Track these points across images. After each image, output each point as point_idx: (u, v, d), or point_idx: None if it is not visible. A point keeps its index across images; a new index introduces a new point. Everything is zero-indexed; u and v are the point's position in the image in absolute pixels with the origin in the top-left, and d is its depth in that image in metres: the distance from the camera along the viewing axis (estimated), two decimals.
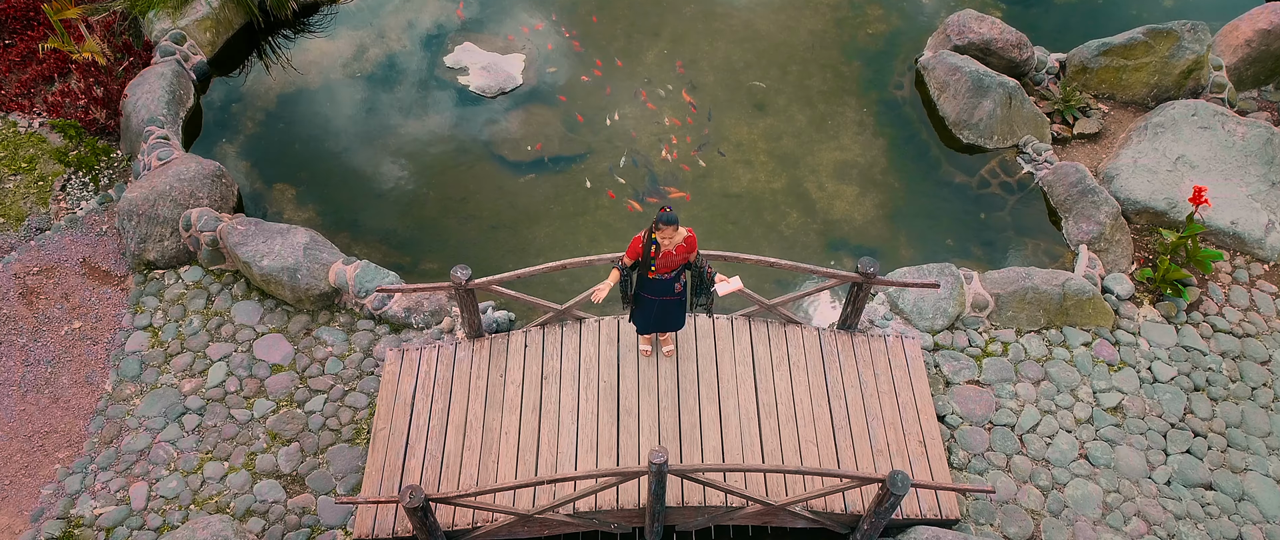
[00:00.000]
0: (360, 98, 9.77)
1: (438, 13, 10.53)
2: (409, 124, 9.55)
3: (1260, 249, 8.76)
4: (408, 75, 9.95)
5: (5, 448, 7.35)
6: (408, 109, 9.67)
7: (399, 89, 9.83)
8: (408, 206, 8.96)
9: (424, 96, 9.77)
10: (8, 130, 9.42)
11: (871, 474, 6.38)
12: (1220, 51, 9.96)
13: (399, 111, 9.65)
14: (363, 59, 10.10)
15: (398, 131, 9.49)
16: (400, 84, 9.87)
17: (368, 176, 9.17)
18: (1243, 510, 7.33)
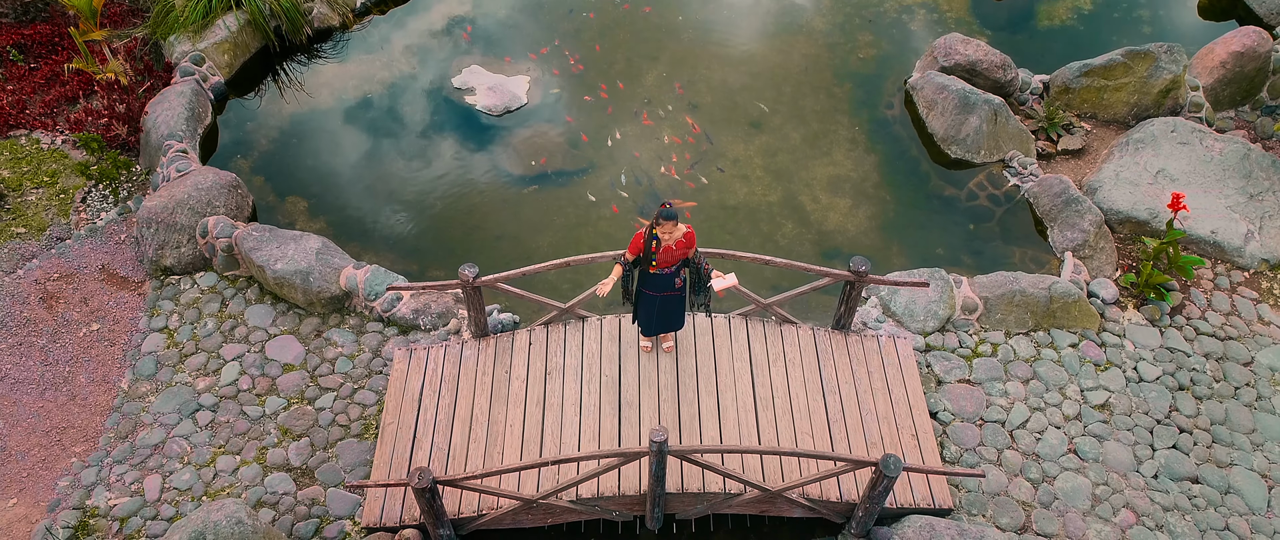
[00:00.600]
0: (371, 117, 10.16)
1: (445, 38, 10.99)
2: (417, 141, 9.93)
3: (1240, 257, 9.06)
4: (416, 95, 10.36)
5: (24, 443, 7.55)
6: (416, 127, 10.06)
7: (408, 108, 10.23)
8: (415, 218, 9.28)
9: (432, 115, 10.17)
10: (31, 147, 9.79)
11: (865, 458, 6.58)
12: (1197, 73, 10.39)
13: (408, 129, 10.04)
14: (373, 81, 10.52)
15: (406, 148, 9.86)
16: (409, 103, 10.28)
17: (377, 190, 9.51)
18: (1229, 502, 7.51)
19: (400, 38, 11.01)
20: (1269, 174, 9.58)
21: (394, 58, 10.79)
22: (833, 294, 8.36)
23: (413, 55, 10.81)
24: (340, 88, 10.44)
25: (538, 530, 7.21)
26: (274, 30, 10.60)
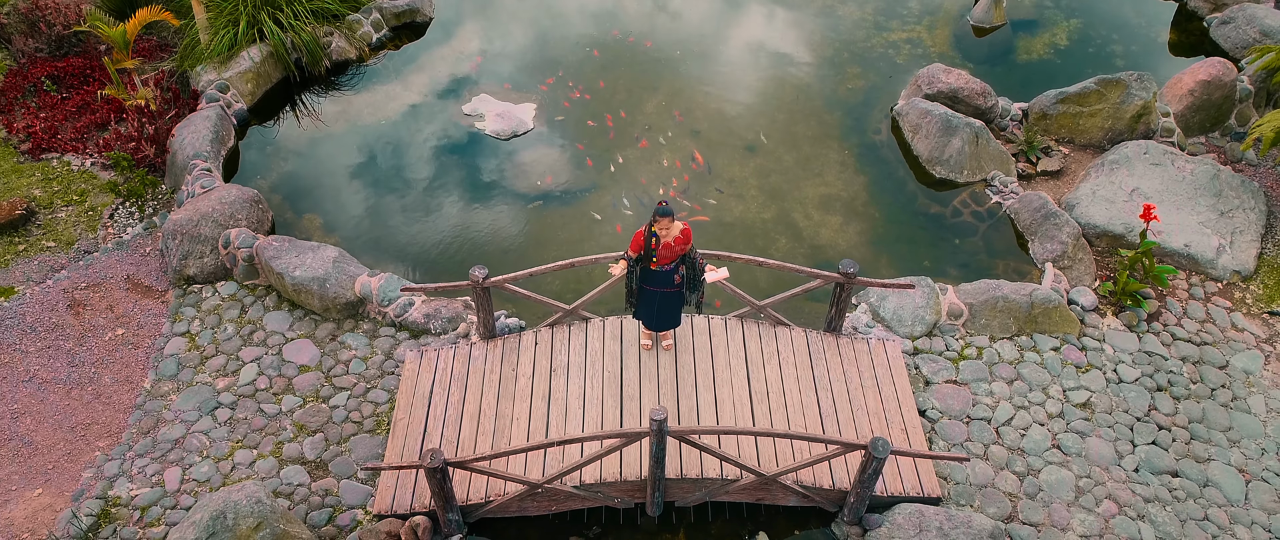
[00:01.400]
0: (384, 141, 10.70)
1: (456, 68, 11.60)
2: (428, 162, 10.45)
3: (1213, 269, 9.49)
4: (428, 121, 10.92)
5: (50, 437, 7.88)
6: (427, 150, 10.59)
7: (419, 133, 10.78)
8: (425, 233, 9.73)
9: (442, 139, 10.70)
10: (62, 169, 10.31)
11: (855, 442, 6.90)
12: (1167, 101, 10.96)
13: (419, 152, 10.56)
14: (387, 108, 11.10)
15: (417, 169, 10.37)
16: (420, 128, 10.83)
17: (389, 208, 9.98)
18: (1207, 494, 7.81)
19: (413, 70, 11.63)
20: (1239, 193, 10.07)
21: (407, 87, 11.38)
22: (823, 301, 8.76)
23: (424, 85, 11.41)
24: (355, 114, 11.01)
25: (542, 519, 7.48)
26: (295, 62, 11.21)
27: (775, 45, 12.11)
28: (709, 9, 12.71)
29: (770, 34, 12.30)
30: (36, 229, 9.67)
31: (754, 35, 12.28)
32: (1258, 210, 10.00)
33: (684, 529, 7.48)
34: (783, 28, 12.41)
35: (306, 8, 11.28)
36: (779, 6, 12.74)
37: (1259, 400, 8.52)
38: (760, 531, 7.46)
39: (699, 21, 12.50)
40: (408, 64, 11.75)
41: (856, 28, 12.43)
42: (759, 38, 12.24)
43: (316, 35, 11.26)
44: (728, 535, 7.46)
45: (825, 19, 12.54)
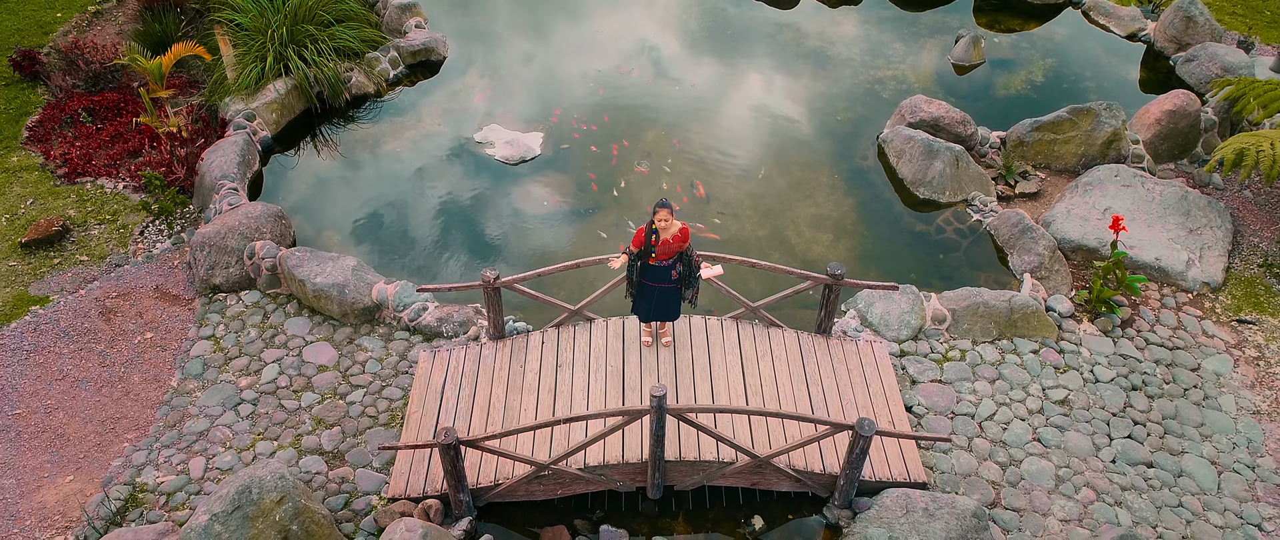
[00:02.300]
0: (399, 166, 11.35)
1: (467, 102, 12.33)
2: (442, 184, 11.07)
3: (1183, 281, 10.02)
4: (441, 148, 11.59)
5: (82, 430, 8.31)
6: (440, 173, 11.23)
7: (433, 159, 11.43)
8: (438, 248, 10.28)
9: (454, 164, 11.35)
10: (96, 191, 10.93)
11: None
12: (1137, 129, 11.65)
13: (432, 175, 11.20)
14: (402, 137, 11.78)
15: (432, 191, 11.00)
16: (434, 155, 11.49)
17: (403, 226, 10.57)
18: (1182, 484, 8.19)
19: (427, 103, 12.36)
20: (1206, 212, 10.66)
21: (421, 119, 12.09)
22: (812, 308, 9.28)
23: (438, 117, 12.12)
24: (373, 142, 11.68)
25: (548, 504, 7.86)
26: (317, 95, 11.95)
27: (768, 83, 12.86)
28: (706, 52, 13.50)
29: (763, 73, 13.06)
30: (71, 245, 10.24)
31: (748, 75, 13.04)
32: (1224, 228, 10.57)
33: (682, 514, 7.86)
34: (775, 68, 13.17)
35: (329, 45, 12.07)
36: (771, 48, 13.54)
37: (1229, 399, 8.96)
38: (756, 515, 7.83)
39: (697, 63, 13.27)
40: (422, 98, 12.48)
41: (844, 66, 13.20)
42: (753, 76, 12.99)
43: (338, 71, 12.02)
44: (725, 519, 7.83)
45: (814, 59, 13.33)
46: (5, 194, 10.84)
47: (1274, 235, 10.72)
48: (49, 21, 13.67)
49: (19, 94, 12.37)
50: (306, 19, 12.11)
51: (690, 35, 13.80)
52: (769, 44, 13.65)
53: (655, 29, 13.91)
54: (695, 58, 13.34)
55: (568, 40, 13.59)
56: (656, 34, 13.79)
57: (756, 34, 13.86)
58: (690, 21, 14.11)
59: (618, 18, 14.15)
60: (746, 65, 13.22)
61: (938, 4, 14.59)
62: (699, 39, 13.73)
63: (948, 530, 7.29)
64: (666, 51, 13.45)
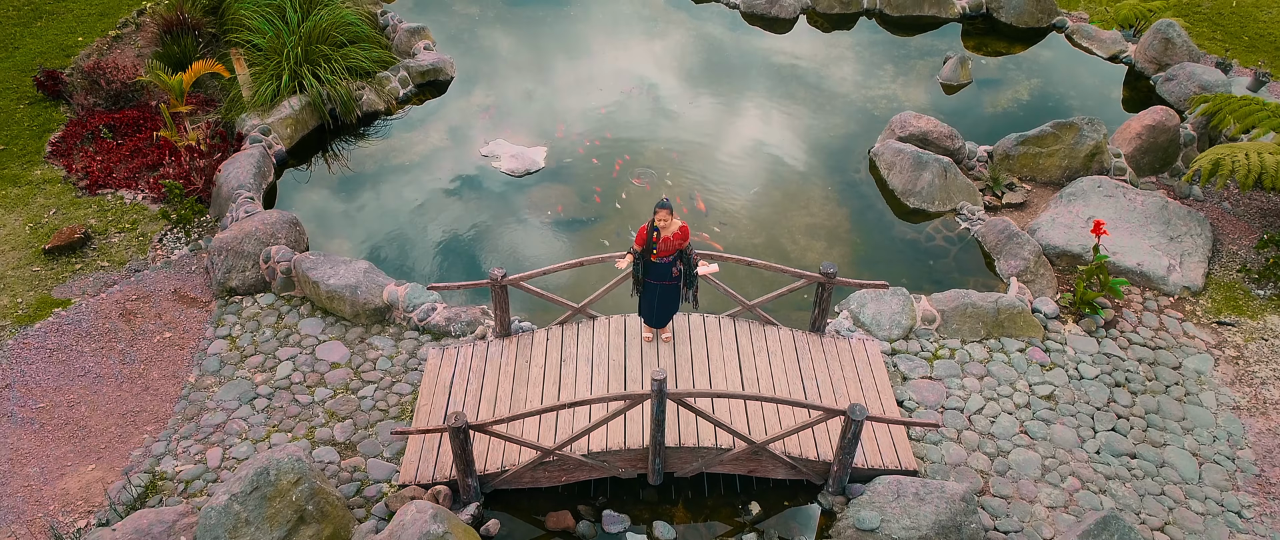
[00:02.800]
0: (409, 177, 11.78)
1: (474, 119, 12.81)
2: (449, 196, 11.49)
3: (1164, 285, 10.39)
4: (448, 162, 12.03)
5: (103, 422, 8.62)
6: (448, 185, 11.65)
7: (440, 171, 11.87)
8: (445, 255, 10.66)
9: (461, 176, 11.78)
10: (116, 202, 11.34)
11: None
12: (1119, 144, 12.10)
13: (440, 187, 11.62)
14: (411, 151, 12.23)
15: (440, 200, 11.41)
16: (442, 168, 11.92)
17: (412, 235, 10.96)
18: (1164, 473, 8.49)
19: (435, 120, 12.84)
20: (1186, 222, 11.07)
21: (429, 135, 12.56)
22: (806, 309, 9.64)
23: (445, 133, 12.58)
24: (383, 157, 12.13)
25: (552, 492, 8.14)
26: (330, 112, 12.43)
27: (764, 101, 13.35)
28: (705, 72, 14.01)
29: (759, 92, 13.55)
30: (92, 251, 10.63)
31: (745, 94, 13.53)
32: (1204, 237, 10.97)
33: (682, 501, 8.14)
34: (770, 87, 13.67)
35: (342, 65, 12.57)
36: (767, 70, 14.05)
37: (1210, 396, 9.29)
38: (753, 502, 8.12)
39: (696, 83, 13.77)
40: (430, 115, 12.96)
41: (838, 85, 13.71)
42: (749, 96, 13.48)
43: (350, 89, 12.51)
44: (723, 506, 8.11)
45: (808, 79, 13.83)
46: (29, 204, 11.25)
47: (1252, 243, 11.11)
48: (70, 45, 14.20)
49: (42, 112, 12.84)
50: (320, 40, 12.62)
51: (689, 58, 14.32)
52: (764, 66, 14.17)
53: (655, 52, 14.43)
54: (694, 78, 13.85)
55: (570, 62, 14.11)
56: (657, 56, 14.31)
57: (752, 56, 14.39)
58: (688, 45, 14.65)
59: (619, 42, 14.68)
60: (743, 85, 13.72)
61: (926, 29, 15.15)
62: (697, 61, 14.25)
63: (937, 513, 7.58)
64: (666, 73, 13.96)
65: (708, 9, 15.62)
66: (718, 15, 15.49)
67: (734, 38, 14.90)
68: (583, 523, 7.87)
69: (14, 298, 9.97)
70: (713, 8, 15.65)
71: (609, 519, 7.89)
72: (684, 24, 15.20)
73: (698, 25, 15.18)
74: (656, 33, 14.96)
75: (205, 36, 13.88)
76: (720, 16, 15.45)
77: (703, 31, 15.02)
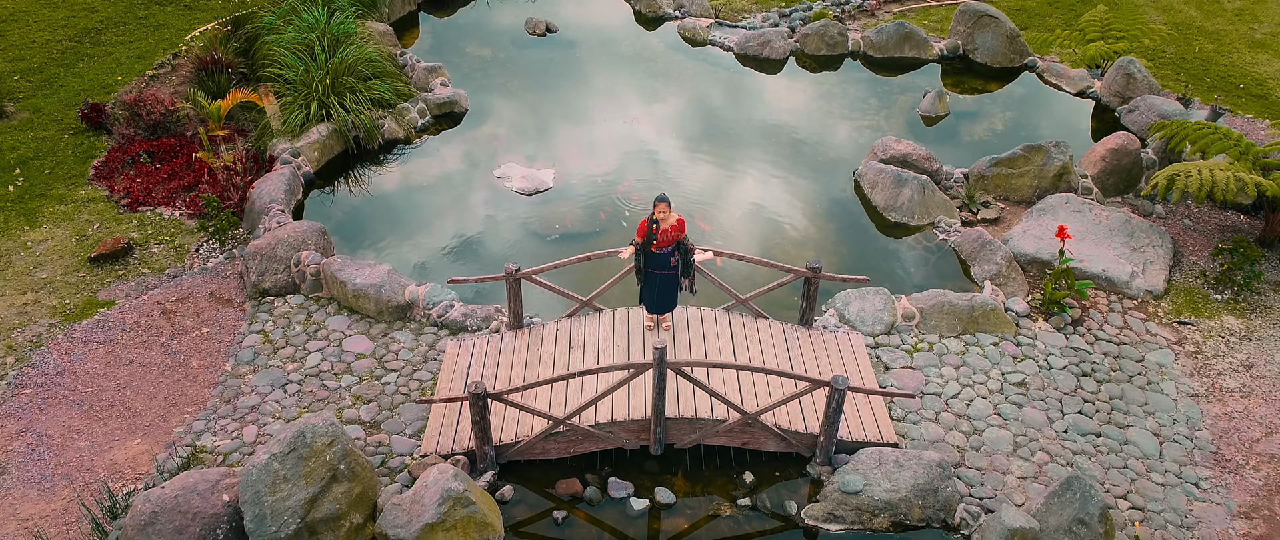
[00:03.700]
0: (426, 196, 12.69)
1: (487, 146, 13.79)
2: (464, 211, 12.38)
3: (1128, 289, 11.21)
4: (463, 182, 12.96)
5: (147, 405, 9.34)
6: (462, 202, 12.56)
7: (456, 191, 12.79)
8: (460, 263, 11.49)
9: (475, 194, 12.70)
10: (155, 218, 12.23)
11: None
12: (1085, 166, 13.06)
13: (455, 204, 12.53)
14: (428, 173, 13.17)
15: (456, 215, 12.29)
16: (457, 188, 12.85)
17: (431, 244, 11.81)
18: (1127, 450, 9.18)
19: (450, 147, 13.82)
20: (1148, 235, 11.95)
21: (445, 160, 13.52)
22: (793, 308, 10.43)
23: (460, 158, 13.55)
24: (402, 178, 13.07)
25: (561, 463, 8.82)
26: (354, 138, 13.41)
27: (758, 130, 14.36)
28: (703, 105, 15.06)
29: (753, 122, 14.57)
30: (134, 260, 11.47)
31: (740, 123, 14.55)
32: (1165, 248, 11.83)
33: (682, 471, 8.81)
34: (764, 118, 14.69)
35: (366, 96, 13.61)
36: (760, 103, 15.10)
37: (1171, 385, 10.02)
38: (747, 472, 8.79)
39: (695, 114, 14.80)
40: (446, 144, 13.95)
41: (825, 118, 14.74)
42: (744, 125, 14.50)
43: (373, 118, 13.52)
44: (719, 475, 8.79)
45: (798, 112, 14.87)
46: (75, 219, 12.13)
47: (1210, 253, 11.96)
48: (110, 83, 15.26)
49: (85, 141, 13.82)
50: (346, 73, 13.68)
51: (688, 92, 15.38)
52: (757, 101, 15.23)
53: (656, 87, 15.49)
54: (693, 110, 14.88)
55: (576, 96, 15.16)
56: (658, 90, 15.37)
57: (746, 92, 15.46)
58: (687, 81, 15.72)
59: (623, 80, 15.76)
60: (738, 116, 14.74)
61: (907, 69, 16.27)
62: (696, 95, 15.30)
63: (915, 477, 8.27)
64: (667, 105, 15.00)
65: (704, 52, 16.77)
66: (714, 57, 16.63)
67: (729, 77, 15.99)
68: (590, 489, 8.54)
69: (62, 299, 10.77)
70: (709, 51, 16.80)
71: (614, 486, 8.56)
72: (682, 64, 16.31)
73: (695, 66, 16.30)
74: (658, 72, 16.05)
75: (236, 74, 14.95)
76: (716, 58, 16.59)
77: (699, 71, 16.13)
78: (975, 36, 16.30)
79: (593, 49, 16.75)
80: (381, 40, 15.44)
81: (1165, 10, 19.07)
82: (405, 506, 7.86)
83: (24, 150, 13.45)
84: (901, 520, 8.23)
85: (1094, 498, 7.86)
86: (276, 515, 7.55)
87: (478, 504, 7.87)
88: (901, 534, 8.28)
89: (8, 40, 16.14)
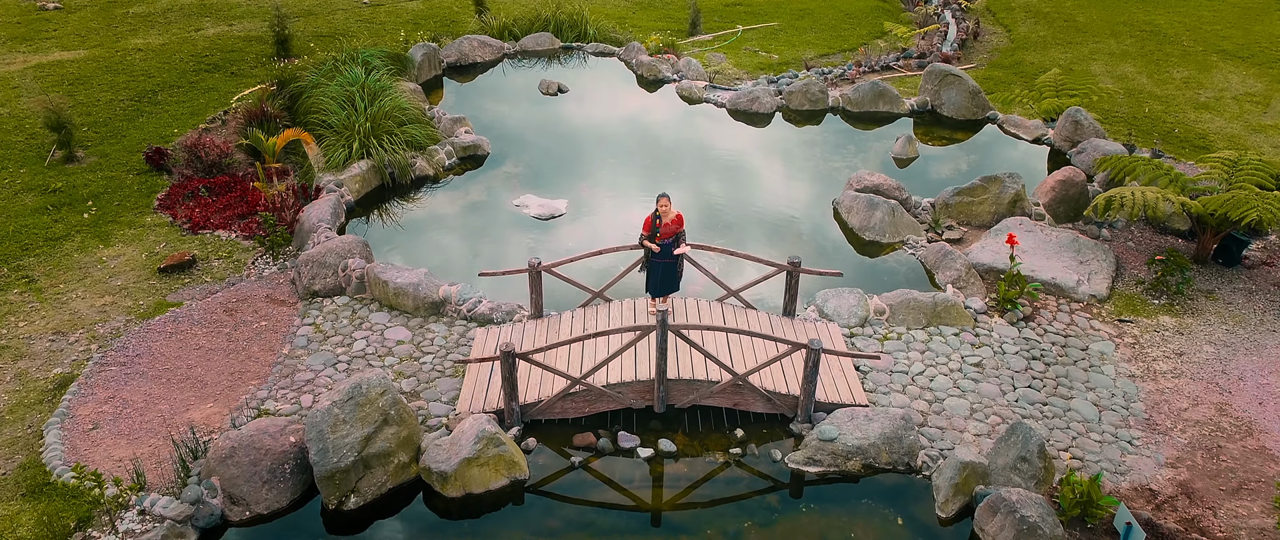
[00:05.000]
0: (453, 221, 14.32)
1: (506, 182, 15.51)
2: (486, 233, 13.99)
3: (1075, 294, 12.71)
4: (485, 210, 14.62)
5: (216, 378, 10.73)
6: (485, 225, 14.18)
7: (478, 217, 14.43)
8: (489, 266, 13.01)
9: (496, 219, 14.33)
10: (214, 239, 13.83)
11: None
12: (1038, 196, 14.74)
13: (481, 226, 14.15)
14: (455, 203, 14.85)
15: (478, 236, 13.90)
16: (479, 215, 14.50)
17: (457, 259, 13.36)
18: (1069, 415, 10.53)
19: (474, 183, 15.54)
20: (1093, 251, 13.53)
21: (469, 193, 15.22)
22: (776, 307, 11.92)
23: (482, 192, 15.26)
24: (432, 207, 14.74)
25: (577, 424, 10.15)
26: (390, 174, 15.15)
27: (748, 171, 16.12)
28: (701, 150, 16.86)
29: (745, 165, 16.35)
30: (197, 271, 13.01)
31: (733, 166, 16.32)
32: (1108, 261, 13.39)
33: (681, 430, 10.14)
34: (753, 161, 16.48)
35: (401, 139, 15.42)
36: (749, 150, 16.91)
37: (1110, 368, 11.42)
38: (738, 429, 10.12)
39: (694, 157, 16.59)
40: (471, 180, 15.68)
41: (807, 161, 16.52)
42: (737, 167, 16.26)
43: (406, 158, 15.29)
44: (713, 431, 10.11)
45: (784, 157, 16.66)
46: (143, 240, 13.73)
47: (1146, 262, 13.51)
48: (168, 134, 17.12)
49: (149, 179, 15.55)
50: (383, 118, 15.53)
51: (686, 139, 17.21)
52: (748, 146, 17.04)
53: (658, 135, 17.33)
54: (693, 153, 16.67)
55: (586, 142, 16.98)
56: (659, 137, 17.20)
57: (738, 140, 17.29)
58: (685, 130, 17.58)
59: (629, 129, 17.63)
60: (731, 159, 16.52)
61: (882, 122, 18.16)
62: (693, 142, 17.13)
63: (883, 428, 9.62)
64: (667, 150, 16.79)
65: (700, 108, 18.72)
66: (709, 112, 18.56)
67: (722, 128, 17.87)
68: (602, 441, 9.85)
69: (136, 301, 12.27)
70: (704, 107, 18.75)
71: (623, 439, 9.88)
72: (682, 117, 18.22)
73: (692, 119, 18.21)
74: (660, 123, 17.94)
75: (282, 124, 16.82)
76: (711, 113, 18.51)
77: (696, 122, 18.02)
78: (942, 93, 18.27)
79: (601, 105, 18.69)
80: (412, 97, 17.38)
81: (1119, 78, 21.20)
82: (445, 446, 9.19)
83: (95, 186, 15.16)
84: (871, 463, 9.54)
85: (1034, 438, 9.19)
86: (337, 449, 8.88)
87: (507, 445, 9.20)
88: (871, 476, 9.56)
89: (76, 98, 18.10)
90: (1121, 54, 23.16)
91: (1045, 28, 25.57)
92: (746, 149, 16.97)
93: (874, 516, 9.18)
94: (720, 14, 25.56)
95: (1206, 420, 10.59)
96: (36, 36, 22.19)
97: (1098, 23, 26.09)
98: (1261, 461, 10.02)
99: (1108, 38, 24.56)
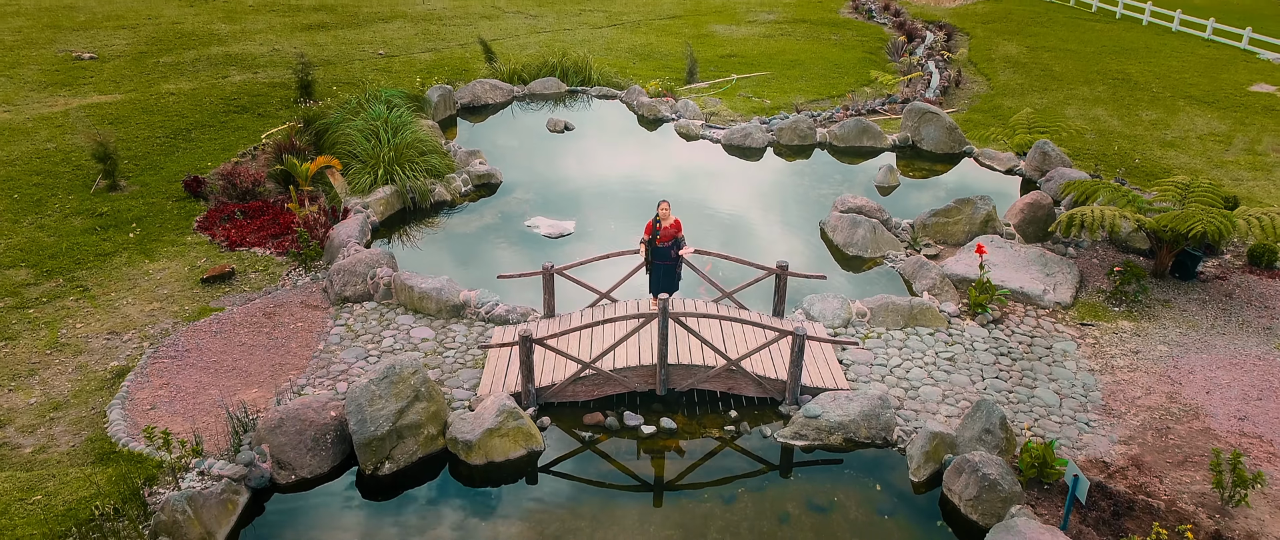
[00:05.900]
0: (468, 239, 15.54)
1: (519, 206, 16.79)
2: (499, 249, 15.20)
3: (1041, 302, 13.89)
4: (499, 230, 15.86)
5: (259, 369, 11.82)
6: (498, 243, 15.41)
7: (493, 237, 15.67)
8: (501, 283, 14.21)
9: (509, 239, 15.56)
10: (250, 255, 15.04)
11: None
12: (1008, 217, 16.01)
13: (492, 244, 15.37)
14: (471, 225, 16.10)
15: (493, 252, 15.11)
16: (494, 234, 15.74)
17: (475, 270, 14.55)
18: (1032, 401, 11.60)
19: (489, 207, 16.82)
20: (1059, 265, 14.74)
21: (484, 217, 16.48)
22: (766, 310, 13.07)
23: (496, 215, 16.52)
24: (449, 227, 15.98)
25: (586, 405, 11.21)
26: (410, 198, 16.43)
27: (743, 199, 17.42)
28: (699, 179, 18.20)
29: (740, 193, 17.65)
30: (236, 281, 14.19)
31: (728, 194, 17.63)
32: (1073, 275, 14.60)
33: (681, 411, 11.20)
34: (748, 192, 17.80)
35: (421, 166, 16.75)
36: (743, 181, 18.24)
37: (1072, 363, 12.54)
38: (732, 410, 11.18)
39: (693, 186, 17.91)
40: (485, 205, 16.97)
41: (796, 189, 17.84)
42: (732, 195, 17.57)
43: (427, 184, 16.59)
44: (710, 413, 11.17)
45: (776, 187, 17.99)
46: (185, 255, 14.93)
47: (1112, 284, 14.71)
48: (202, 167, 18.47)
49: (187, 205, 16.83)
50: (407, 148, 16.89)
51: (685, 170, 18.56)
52: (742, 177, 18.38)
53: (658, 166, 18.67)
54: (690, 182, 18.00)
55: (592, 173, 18.32)
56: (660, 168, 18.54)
57: (733, 171, 18.64)
58: (683, 162, 18.95)
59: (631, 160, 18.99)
60: (727, 188, 17.84)
61: (866, 155, 19.54)
62: (691, 172, 18.47)
63: (862, 406, 10.70)
64: (667, 178, 18.12)
65: (697, 144, 20.12)
66: (705, 148, 19.96)
67: (718, 161, 19.24)
68: (610, 420, 10.91)
69: (182, 306, 13.42)
70: (701, 143, 20.16)
71: (629, 418, 10.94)
72: (680, 151, 19.61)
73: (689, 153, 19.60)
74: (659, 158, 19.32)
75: (309, 157, 18.18)
76: (707, 149, 19.91)
77: (693, 156, 19.40)
78: (921, 129, 19.70)
79: (605, 141, 20.10)
80: (430, 131, 18.78)
81: (1091, 120, 22.72)
82: (470, 419, 10.26)
83: (138, 211, 16.43)
84: (852, 437, 10.59)
85: (996, 413, 10.27)
86: (374, 420, 9.94)
87: (525, 420, 10.27)
88: (852, 450, 10.60)
89: (117, 135, 19.49)
90: (1094, 99, 24.76)
91: (1023, 77, 27.27)
92: (740, 178, 18.29)
93: (855, 484, 10.20)
94: (715, 65, 27.25)
95: (1157, 406, 11.66)
96: (75, 82, 23.74)
97: (1073, 72, 27.81)
98: (1206, 440, 11.06)
99: (1082, 85, 26.23)
